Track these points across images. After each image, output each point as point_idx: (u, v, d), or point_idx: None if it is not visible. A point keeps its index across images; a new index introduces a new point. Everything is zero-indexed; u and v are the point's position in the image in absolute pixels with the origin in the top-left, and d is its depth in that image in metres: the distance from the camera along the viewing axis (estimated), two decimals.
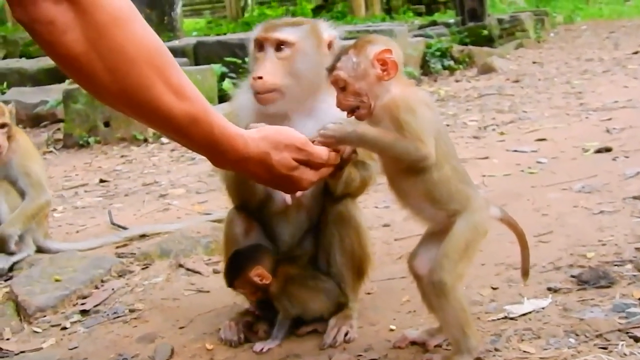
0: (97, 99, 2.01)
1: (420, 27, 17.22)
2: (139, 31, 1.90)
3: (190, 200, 6.34)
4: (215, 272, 4.30)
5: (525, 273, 3.01)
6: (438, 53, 13.46)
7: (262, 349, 3.26)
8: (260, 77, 3.08)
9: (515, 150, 6.55)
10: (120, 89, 1.87)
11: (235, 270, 3.33)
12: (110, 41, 1.81)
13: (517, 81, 11.28)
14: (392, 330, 3.27)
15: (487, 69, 12.77)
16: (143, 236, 5.40)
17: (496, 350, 2.89)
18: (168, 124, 1.99)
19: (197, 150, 2.18)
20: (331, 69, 2.76)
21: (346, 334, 3.24)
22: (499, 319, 3.17)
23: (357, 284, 3.47)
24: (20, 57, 16.01)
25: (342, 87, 2.73)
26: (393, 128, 2.64)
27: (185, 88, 1.98)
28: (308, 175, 2.28)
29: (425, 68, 13.21)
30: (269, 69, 3.10)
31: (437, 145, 2.68)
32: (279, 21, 3.32)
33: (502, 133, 7.52)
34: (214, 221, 5.12)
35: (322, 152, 2.36)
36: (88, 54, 1.80)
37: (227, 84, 10.60)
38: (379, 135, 2.65)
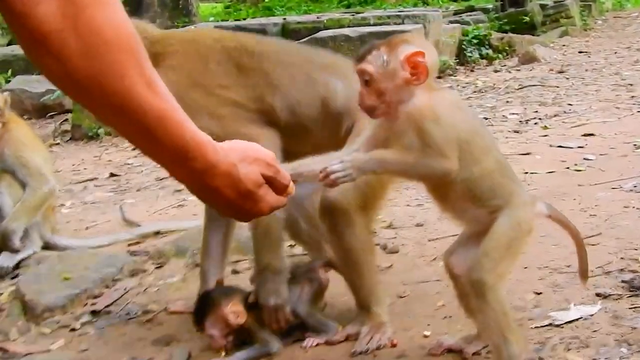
0: (58, 85, 1.89)
1: (456, 13, 17.20)
2: (119, 15, 1.86)
3: None
4: (235, 272, 4.32)
5: (583, 274, 2.97)
6: (475, 41, 13.40)
7: None
8: None
9: (560, 146, 6.52)
10: (90, 74, 1.82)
11: (208, 307, 3.36)
12: (89, 20, 1.78)
13: (561, 72, 11.22)
14: (426, 336, 3.27)
15: (528, 59, 12.71)
16: (157, 233, 5.43)
17: (540, 359, 2.88)
18: (136, 120, 1.89)
19: (160, 156, 2.05)
20: (359, 60, 2.76)
21: (378, 341, 3.25)
22: (543, 326, 3.17)
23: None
24: None
25: (366, 81, 2.74)
26: (416, 138, 2.64)
27: (158, 83, 1.93)
28: (271, 197, 2.18)
29: (461, 57, 13.16)
30: None
31: (473, 140, 2.69)
32: None
33: (545, 127, 7.49)
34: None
35: (287, 175, 2.33)
36: (61, 32, 1.75)
37: None
38: (399, 157, 2.67)
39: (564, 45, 14.37)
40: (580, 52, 13.33)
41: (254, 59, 3.54)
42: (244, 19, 17.73)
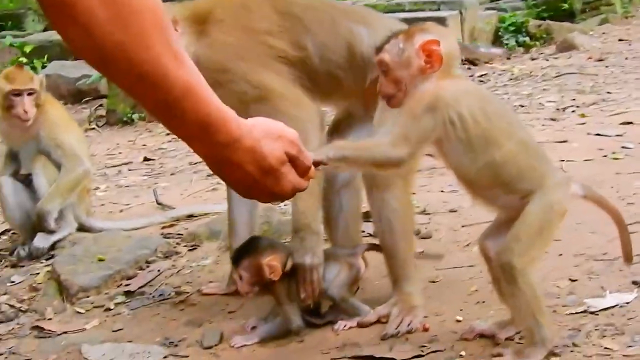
0: (83, 56, 1.86)
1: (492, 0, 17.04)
2: None
3: None
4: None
5: (627, 257, 2.92)
6: (512, 28, 13.27)
7: (241, 345, 3.38)
8: None
9: (598, 134, 6.44)
10: (117, 44, 1.79)
11: (250, 250, 3.38)
12: None
13: (601, 60, 11.08)
14: (458, 321, 3.27)
15: (567, 47, 12.55)
16: (190, 216, 5.47)
17: (575, 345, 2.87)
18: (161, 91, 1.88)
19: (184, 129, 2.02)
20: (378, 50, 2.80)
21: (409, 325, 3.26)
22: (578, 313, 3.15)
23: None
24: None
25: (384, 71, 2.78)
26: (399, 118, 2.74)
27: (184, 56, 1.89)
28: (293, 177, 2.15)
29: (497, 44, 13.06)
30: None
31: (490, 125, 2.71)
32: None
33: (583, 115, 7.41)
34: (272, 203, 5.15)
35: (310, 156, 2.31)
36: (89, 1, 1.74)
37: None
38: (355, 148, 2.77)
39: (603, 33, 14.18)
40: (620, 40, 13.14)
41: (286, 3, 3.61)
42: None
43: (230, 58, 3.43)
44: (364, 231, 4.28)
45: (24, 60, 12.35)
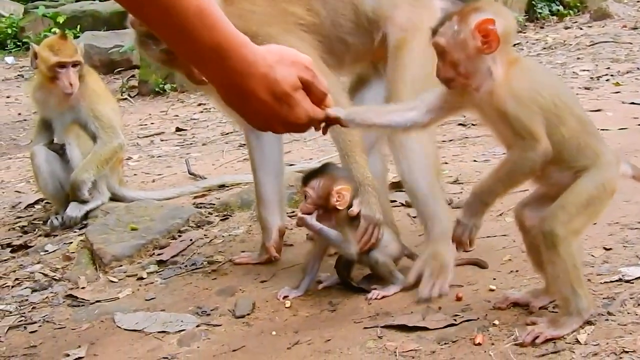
0: None
1: None
2: None
3: None
4: (299, 225, 4.32)
5: None
6: None
7: (286, 296, 3.47)
8: None
9: (633, 103, 6.36)
10: None
11: (326, 173, 3.38)
12: None
13: (635, 28, 10.92)
14: (491, 290, 3.23)
15: (601, 15, 12.39)
16: (222, 186, 5.48)
17: (609, 314, 2.82)
18: (175, 14, 1.86)
19: (197, 54, 1.99)
20: (433, 32, 2.72)
21: (441, 289, 3.26)
22: (612, 282, 3.10)
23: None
24: None
25: (440, 54, 2.70)
26: (502, 124, 2.64)
27: None
28: (307, 104, 2.10)
29: (531, 13, 12.91)
30: None
31: (558, 102, 2.64)
32: None
33: (617, 84, 7.31)
34: (298, 172, 5.15)
35: (325, 82, 2.22)
36: None
37: None
38: (495, 176, 2.70)
39: (638, 1, 13.95)
40: None
41: None
42: None
43: (258, 25, 3.42)
44: (394, 200, 4.26)
45: (57, 30, 12.40)
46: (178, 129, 8.10)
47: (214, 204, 4.99)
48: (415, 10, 3.63)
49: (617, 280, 3.10)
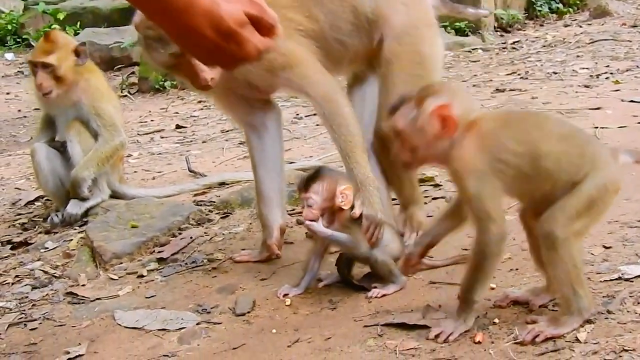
0: None
1: None
2: None
3: None
4: (299, 222, 4.32)
5: None
6: None
7: (286, 294, 3.47)
8: None
9: (632, 101, 6.35)
10: None
11: (324, 176, 3.37)
12: None
13: (635, 26, 10.93)
14: (492, 288, 3.22)
15: (600, 13, 12.41)
16: (222, 184, 5.47)
17: (609, 312, 2.82)
18: None
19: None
20: (390, 113, 2.78)
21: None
22: (612, 280, 3.10)
23: None
24: None
25: (397, 136, 2.76)
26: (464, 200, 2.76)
27: None
28: (256, 38, 2.01)
29: (530, 11, 12.93)
30: None
31: (529, 145, 2.68)
32: None
33: (617, 82, 7.31)
34: (298, 170, 5.14)
35: (273, 13, 2.20)
36: None
37: None
38: (473, 279, 2.79)
39: None
40: None
41: None
42: None
43: None
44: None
45: (57, 27, 12.39)
46: (178, 126, 8.09)
47: (214, 202, 4.99)
48: (410, 10, 3.71)
49: (616, 279, 3.10)
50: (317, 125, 6.67)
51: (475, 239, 2.76)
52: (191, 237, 4.36)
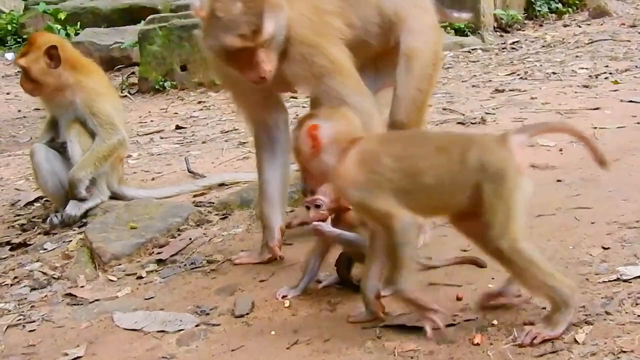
0: None
1: None
2: None
3: None
4: (302, 224, 4.31)
5: (602, 161, 2.85)
6: None
7: (285, 295, 3.46)
8: None
9: (631, 101, 6.36)
10: None
11: None
12: None
13: (634, 26, 10.93)
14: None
15: (599, 13, 12.41)
16: (222, 185, 5.46)
17: (607, 313, 2.82)
18: None
19: None
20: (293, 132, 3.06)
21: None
22: (610, 281, 3.09)
23: None
24: None
25: (296, 156, 3.06)
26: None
27: None
28: None
29: (530, 11, 12.92)
30: None
31: (404, 162, 2.84)
32: None
33: (616, 82, 7.31)
34: (297, 170, 5.12)
35: None
36: None
37: None
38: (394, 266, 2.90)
39: None
40: None
41: None
42: None
43: (312, 33, 3.57)
44: None
45: (57, 27, 12.40)
46: (178, 127, 8.08)
47: (213, 203, 4.98)
48: (424, 14, 3.93)
49: (615, 280, 3.10)
50: None
51: (385, 240, 2.91)
52: (190, 238, 4.35)
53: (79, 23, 13.38)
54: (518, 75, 8.50)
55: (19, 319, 3.68)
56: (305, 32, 3.54)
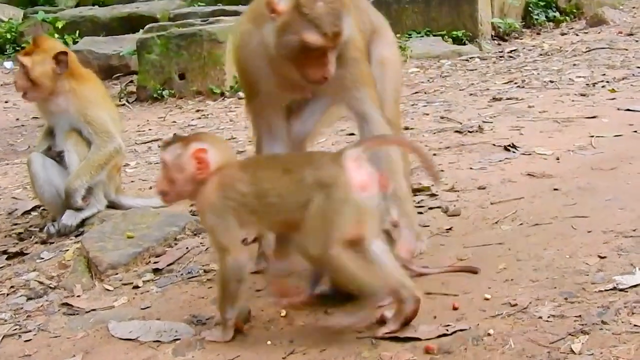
0: None
1: None
2: None
3: None
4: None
5: (435, 176, 3.40)
6: (542, 3, 13.14)
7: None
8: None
9: (628, 109, 6.36)
10: None
11: None
12: None
13: (631, 34, 10.94)
14: (487, 299, 3.22)
15: (597, 21, 12.42)
16: None
17: (603, 323, 2.82)
18: None
19: None
20: (163, 147, 3.21)
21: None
22: (607, 290, 3.09)
23: None
24: (93, 4, 16.21)
25: (163, 168, 3.18)
26: None
27: None
28: None
29: (527, 19, 12.93)
30: None
31: (253, 186, 3.07)
32: None
33: (613, 90, 7.31)
34: None
35: None
36: None
37: None
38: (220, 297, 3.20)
39: (634, 7, 14.00)
40: None
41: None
42: None
43: (360, 38, 3.69)
44: None
45: (56, 35, 12.40)
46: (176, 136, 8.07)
47: None
48: (388, 27, 4.19)
49: (611, 289, 3.10)
50: None
51: (218, 267, 3.18)
52: (187, 248, 4.35)
53: (77, 31, 13.40)
54: (515, 83, 8.50)
55: (15, 329, 3.67)
56: (358, 38, 3.64)
